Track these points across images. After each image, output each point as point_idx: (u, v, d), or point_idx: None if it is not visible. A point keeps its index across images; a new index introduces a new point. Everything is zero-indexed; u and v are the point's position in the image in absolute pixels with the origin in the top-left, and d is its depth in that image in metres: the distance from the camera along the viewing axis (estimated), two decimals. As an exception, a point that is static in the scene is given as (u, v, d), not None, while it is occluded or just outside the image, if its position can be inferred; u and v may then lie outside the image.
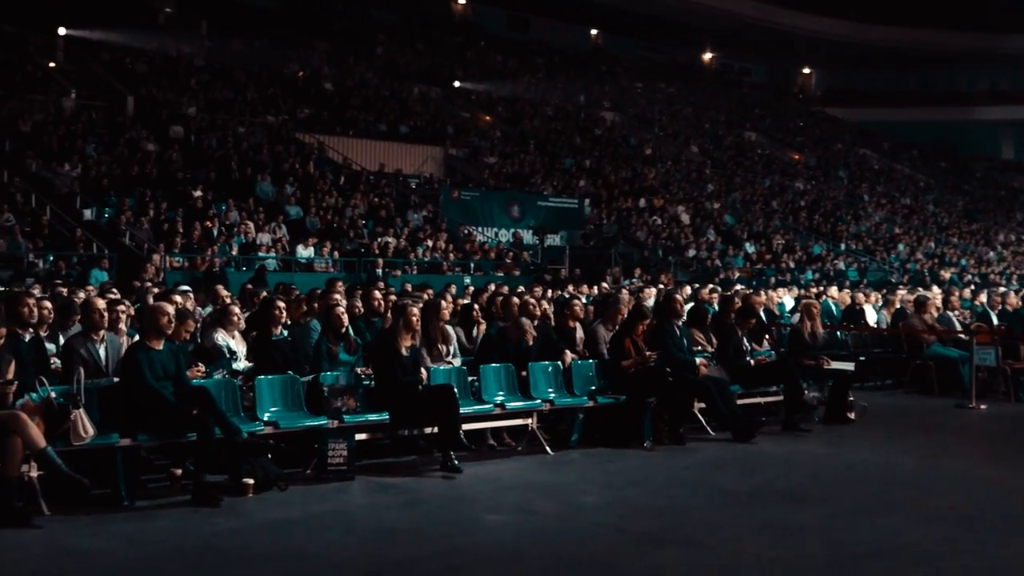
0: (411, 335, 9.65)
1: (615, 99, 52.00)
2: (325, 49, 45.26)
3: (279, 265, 25.99)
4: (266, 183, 30.37)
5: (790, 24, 59.63)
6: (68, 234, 24.29)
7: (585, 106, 49.81)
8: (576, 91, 50.81)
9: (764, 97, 63.11)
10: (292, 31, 45.09)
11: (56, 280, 19.80)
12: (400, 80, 44.59)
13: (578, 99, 50.29)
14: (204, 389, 8.23)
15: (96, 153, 28.87)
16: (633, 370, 11.04)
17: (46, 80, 33.07)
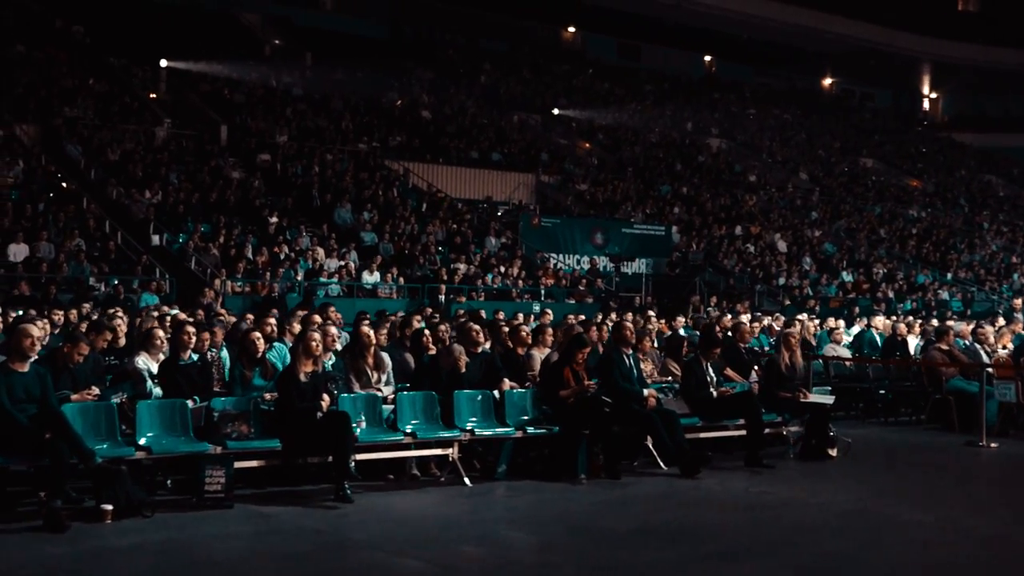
0: (311, 360, 9.39)
1: (724, 126, 51.04)
2: (427, 78, 45.63)
3: (343, 291, 26.09)
4: (344, 209, 30.65)
5: (915, 48, 57.65)
6: (135, 259, 24.84)
7: (691, 133, 49.01)
8: (684, 118, 50.07)
9: (886, 123, 61.08)
10: (396, 61, 45.64)
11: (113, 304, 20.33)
12: (499, 108, 44.62)
13: (685, 126, 49.54)
14: (60, 413, 8.10)
15: (178, 180, 29.53)
16: (571, 400, 10.56)
17: (142, 110, 34.04)
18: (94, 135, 30.79)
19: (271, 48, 44.43)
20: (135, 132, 32.06)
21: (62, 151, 30.02)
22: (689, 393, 11.62)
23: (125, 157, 30.06)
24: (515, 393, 10.68)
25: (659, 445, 10.88)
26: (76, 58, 36.40)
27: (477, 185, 37.38)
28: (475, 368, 10.95)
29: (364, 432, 9.48)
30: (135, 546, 7.45)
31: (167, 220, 27.12)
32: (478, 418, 10.26)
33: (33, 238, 23.90)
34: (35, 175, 27.66)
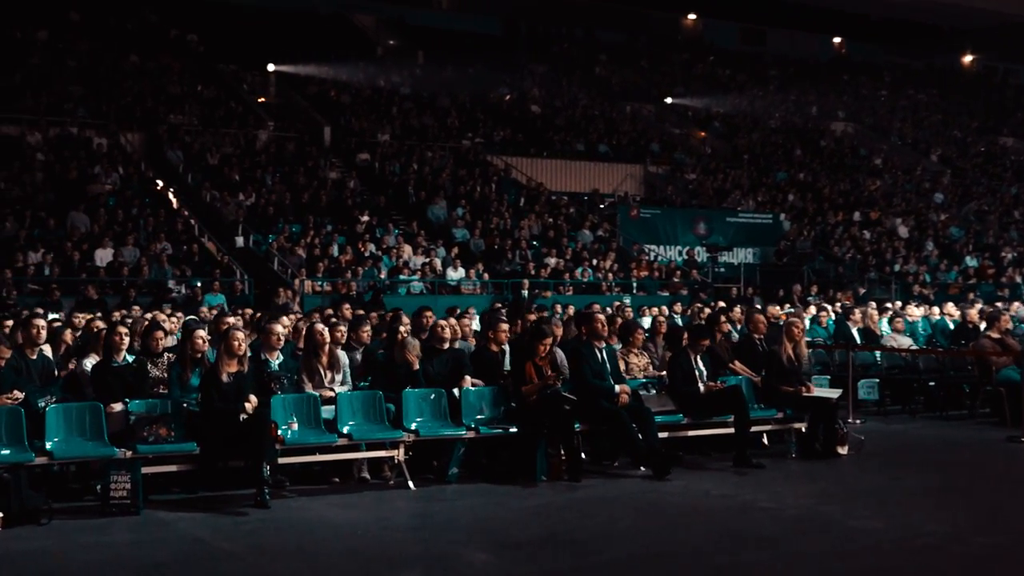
0: (235, 361, 9.11)
1: (851, 109, 49.13)
2: (539, 72, 45.24)
3: (425, 288, 25.96)
4: (438, 206, 30.57)
5: (1065, 19, 54.33)
6: (218, 261, 25.18)
7: (815, 117, 47.32)
8: (808, 102, 48.41)
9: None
10: (509, 56, 45.36)
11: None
12: (612, 99, 43.93)
13: (809, 110, 47.88)
14: None
15: (272, 182, 29.88)
16: (533, 397, 10.04)
17: (246, 115, 34.61)
18: (196, 140, 31.39)
19: (383, 48, 44.69)
20: (236, 136, 32.56)
21: (163, 157, 30.70)
22: (675, 388, 10.94)
23: (224, 161, 30.55)
24: (472, 391, 10.18)
25: (628, 444, 10.26)
26: (188, 66, 37.23)
27: (582, 178, 36.85)
28: (441, 365, 10.53)
29: (295, 434, 9.15)
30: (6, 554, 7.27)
31: (257, 222, 27.43)
32: (426, 418, 9.81)
33: (121, 243, 24.40)
34: (131, 181, 28.31)
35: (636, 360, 11.63)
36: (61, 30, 36.70)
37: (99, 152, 29.32)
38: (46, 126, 29.88)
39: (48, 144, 29.06)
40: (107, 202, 26.68)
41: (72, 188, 26.77)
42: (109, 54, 35.96)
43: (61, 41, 36.03)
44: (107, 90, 33.28)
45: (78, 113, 31.24)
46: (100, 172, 28.00)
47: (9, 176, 26.65)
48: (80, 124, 30.54)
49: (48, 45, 35.56)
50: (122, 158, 29.53)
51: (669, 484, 9.73)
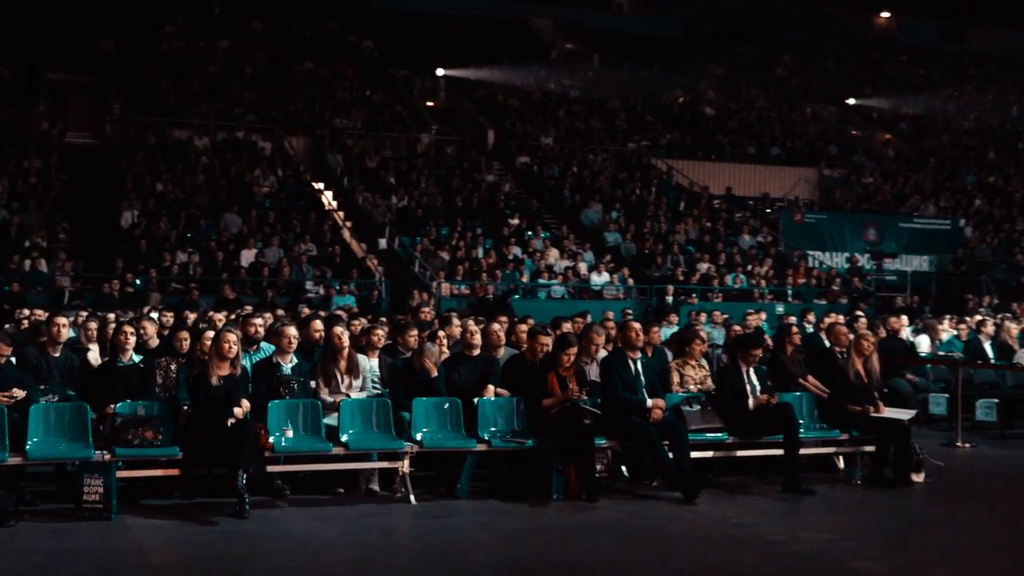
0: (226, 364, 8.86)
1: (1063, 106, 45.92)
2: (717, 74, 44.12)
3: (568, 292, 25.50)
4: (592, 209, 30.07)
5: None
6: (360, 263, 25.38)
7: (1016, 118, 44.40)
8: (1009, 103, 45.46)
9: None
10: (688, 58, 44.42)
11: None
12: (791, 101, 42.38)
13: (1009, 111, 44.96)
14: None
15: (427, 185, 30.00)
16: (555, 410, 9.46)
17: (411, 119, 34.93)
18: (357, 144, 31.84)
19: (557, 52, 44.45)
20: (398, 140, 32.86)
21: (323, 160, 31.27)
22: (722, 404, 10.14)
23: (381, 164, 30.86)
24: (488, 402, 9.67)
25: (656, 463, 9.55)
26: (360, 72, 37.92)
27: (751, 181, 35.62)
28: (469, 373, 10.06)
29: (289, 441, 8.86)
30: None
31: (406, 224, 27.55)
32: (434, 428, 9.36)
33: (266, 244, 24.89)
34: (288, 184, 28.90)
35: (692, 372, 10.84)
36: (242, 39, 37.93)
37: (262, 155, 30.04)
38: (215, 131, 30.86)
39: (214, 148, 29.96)
40: (262, 203, 27.27)
41: (230, 190, 27.48)
42: (284, 61, 36.98)
43: (241, 49, 37.23)
44: (278, 95, 34.15)
45: (247, 118, 32.13)
46: (259, 175, 28.68)
47: (172, 178, 27.57)
48: (247, 129, 31.40)
49: (228, 54, 36.79)
50: (283, 161, 30.19)
51: (689, 510, 8.99)
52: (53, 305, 18.35)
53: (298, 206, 27.65)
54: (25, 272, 22.24)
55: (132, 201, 25.87)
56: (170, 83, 33.40)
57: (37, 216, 24.61)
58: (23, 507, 8.30)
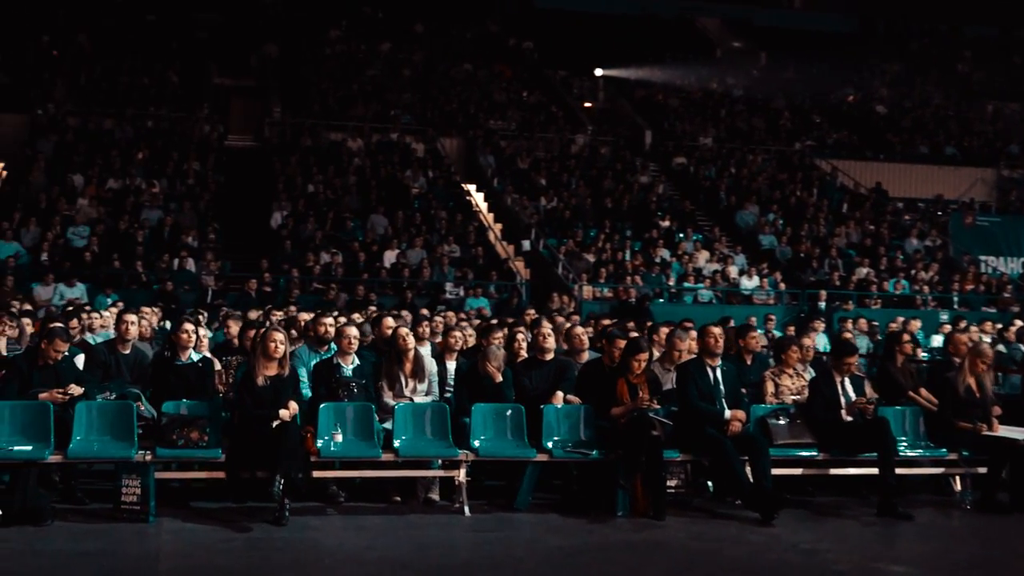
0: (274, 364, 8.59)
1: None
2: (892, 71, 42.18)
3: (716, 296, 24.67)
4: (748, 211, 29.09)
5: None
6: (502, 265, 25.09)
7: None
8: None
9: None
10: (861, 55, 42.63)
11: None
12: (970, 98, 40.16)
13: None
14: None
15: (577, 186, 29.54)
16: (623, 420, 8.87)
17: (566, 119, 34.53)
18: (510, 145, 31.62)
19: (723, 50, 43.31)
20: (552, 141, 32.49)
21: (475, 162, 31.17)
22: (813, 416, 9.34)
23: (533, 165, 30.56)
24: (553, 409, 9.13)
25: (731, 479, 8.84)
26: (519, 73, 37.75)
27: (923, 182, 33.84)
28: (540, 378, 9.56)
29: (338, 446, 8.54)
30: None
31: (554, 226, 27.15)
32: (492, 436, 8.88)
33: (410, 245, 24.87)
34: (437, 185, 28.87)
35: (789, 382, 10.06)
36: (403, 42, 38.23)
37: (414, 157, 30.11)
38: (369, 133, 31.10)
39: (367, 150, 30.20)
40: (410, 205, 27.30)
41: (380, 191, 27.60)
42: (443, 63, 37.08)
43: (401, 52, 37.52)
44: (434, 97, 34.24)
45: (403, 120, 32.29)
46: (410, 176, 28.74)
47: (324, 180, 27.88)
48: (402, 131, 31.54)
49: (388, 56, 37.13)
50: (434, 163, 30.20)
51: (762, 531, 8.29)
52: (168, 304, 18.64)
53: (446, 207, 27.55)
54: (173, 271, 22.72)
55: (282, 202, 26.25)
56: (330, 86, 33.90)
57: (191, 216, 25.18)
58: (72, 505, 8.21)
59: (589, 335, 11.02)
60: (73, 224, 24.10)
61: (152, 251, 23.25)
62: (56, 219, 24.08)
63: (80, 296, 20.45)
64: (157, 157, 27.87)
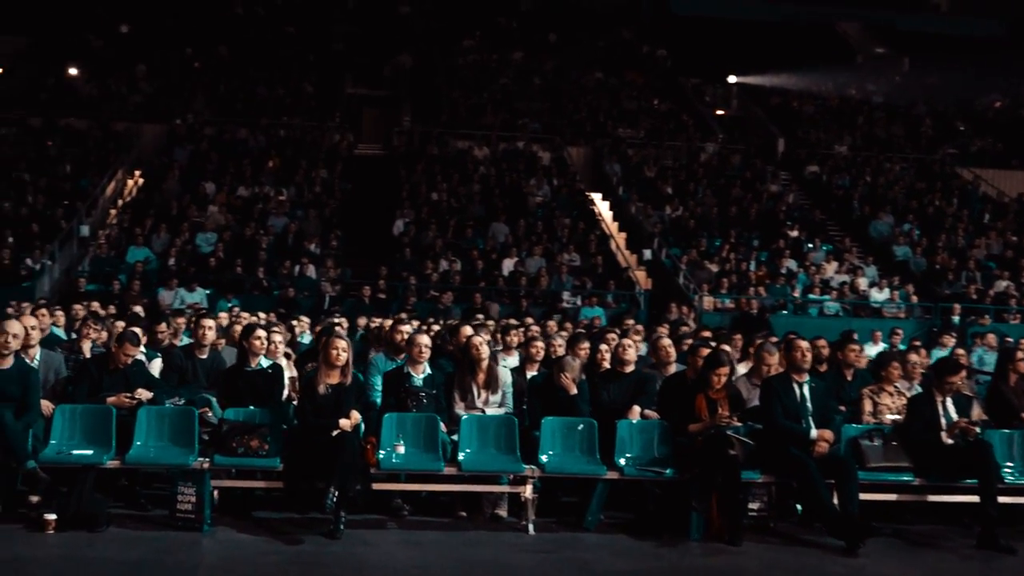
0: (336, 372, 8.43)
1: None
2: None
3: (844, 309, 23.82)
4: (882, 221, 28.09)
5: None
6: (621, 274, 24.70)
7: None
8: None
9: None
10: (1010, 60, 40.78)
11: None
12: None
13: None
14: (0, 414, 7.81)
15: (704, 195, 28.96)
16: (700, 438, 8.45)
17: (696, 127, 33.94)
18: (637, 153, 31.22)
19: (864, 56, 42.01)
20: (681, 149, 31.96)
21: (601, 170, 30.85)
22: (910, 438, 8.75)
23: (660, 174, 30.10)
24: (626, 424, 8.76)
25: (815, 504, 8.33)
26: (651, 81, 37.29)
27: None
28: (619, 391, 9.21)
29: (400, 457, 8.34)
30: (32, 559, 7.11)
31: (678, 235, 26.66)
32: (561, 451, 8.56)
33: (529, 253, 24.70)
34: (561, 194, 28.63)
35: (889, 401, 9.48)
36: (536, 51, 38.15)
37: (539, 165, 29.94)
38: (496, 141, 31.08)
39: (493, 158, 30.16)
40: (533, 213, 27.12)
41: (503, 199, 27.50)
42: (574, 71, 36.85)
43: (533, 61, 37.44)
44: (563, 106, 34.05)
45: (530, 129, 32.18)
46: (534, 184, 28.58)
47: (448, 188, 27.93)
48: (529, 139, 31.42)
49: (520, 65, 37.09)
50: (559, 171, 29.98)
51: (843, 562, 7.78)
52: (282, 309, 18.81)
53: (569, 216, 27.28)
54: (294, 277, 23.00)
55: (406, 210, 26.37)
56: (460, 95, 34.03)
57: (315, 223, 25.48)
58: (132, 511, 8.21)
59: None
60: (202, 230, 24.61)
61: (275, 257, 23.57)
62: (185, 225, 24.64)
63: (200, 301, 20.84)
64: (287, 165, 28.34)
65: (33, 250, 22.72)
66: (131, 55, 33.82)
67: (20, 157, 27.27)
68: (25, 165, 26.80)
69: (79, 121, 29.74)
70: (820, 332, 14.25)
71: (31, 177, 26.19)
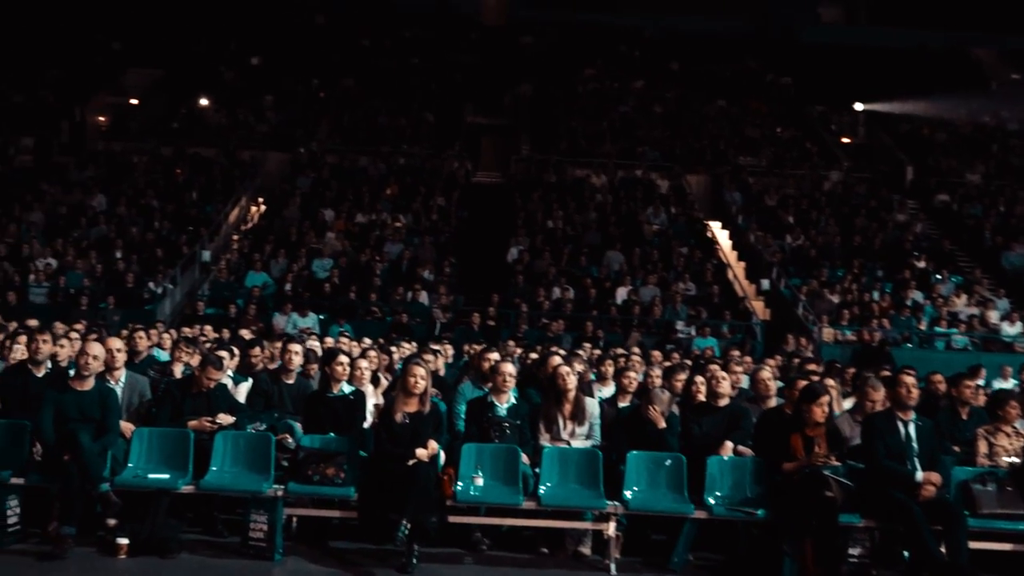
0: (415, 400, 8.22)
1: None
2: None
3: (972, 343, 22.85)
4: (1016, 253, 26.97)
5: None
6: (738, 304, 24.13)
7: None
8: None
9: None
10: None
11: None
12: None
13: None
14: (74, 435, 7.75)
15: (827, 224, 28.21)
16: (796, 477, 8.01)
17: (820, 155, 33.15)
18: (758, 182, 30.61)
19: (999, 82, 40.56)
20: (804, 178, 31.22)
21: (720, 199, 30.31)
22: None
23: (781, 202, 29.44)
24: (718, 461, 8.35)
25: (920, 553, 7.78)
26: (775, 109, 36.61)
27: None
28: (712, 425, 8.83)
29: (477, 489, 8.08)
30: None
31: (798, 265, 25.98)
32: (646, 487, 8.19)
33: (643, 282, 24.31)
34: (679, 222, 28.19)
35: (1006, 442, 8.88)
36: (657, 79, 37.82)
37: (657, 193, 29.56)
38: (614, 169, 30.80)
39: (611, 186, 29.88)
40: (649, 241, 26.74)
41: (619, 227, 27.18)
42: (697, 100, 36.42)
43: (654, 89, 37.12)
44: (683, 134, 33.63)
45: (649, 157, 31.83)
46: (651, 212, 28.21)
47: (564, 215, 27.73)
48: (648, 167, 31.07)
49: (640, 94, 36.80)
50: (677, 199, 29.55)
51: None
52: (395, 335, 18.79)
53: (686, 244, 26.81)
54: (407, 303, 23.03)
55: (520, 237, 26.24)
56: (580, 123, 33.89)
57: (430, 250, 25.51)
58: (208, 537, 8.13)
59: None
60: (319, 256, 24.84)
61: (389, 283, 23.65)
62: (303, 251, 24.90)
63: (312, 325, 20.96)
64: (405, 193, 28.52)
65: (156, 274, 23.21)
66: (260, 86, 34.61)
67: (150, 184, 27.98)
68: (154, 192, 27.47)
69: (207, 149, 30.48)
70: (947, 367, 13.66)
71: (159, 203, 26.85)
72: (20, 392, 8.48)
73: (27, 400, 8.32)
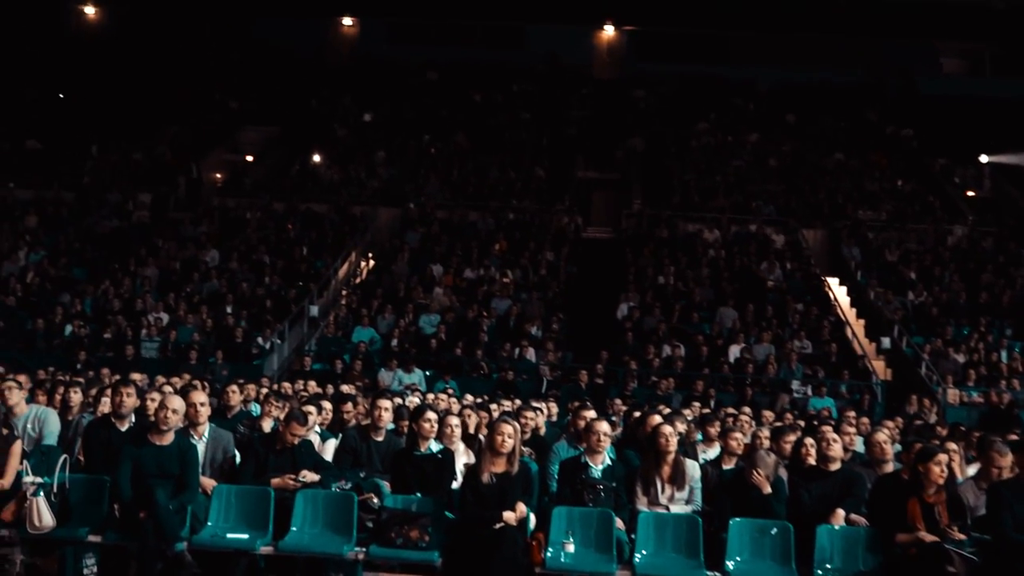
0: (502, 459, 7.79)
1: None
2: None
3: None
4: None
5: None
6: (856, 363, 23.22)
7: None
8: None
9: None
10: None
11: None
12: None
13: None
14: (150, 492, 7.54)
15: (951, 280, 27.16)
16: (913, 550, 7.36)
17: (944, 209, 32.05)
18: (877, 236, 29.66)
19: None
20: (925, 232, 30.16)
21: (838, 254, 29.44)
22: None
23: (903, 258, 28.45)
24: (827, 531, 7.72)
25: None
26: (895, 162, 35.60)
27: None
28: (822, 490, 8.22)
29: (568, 556, 7.61)
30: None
31: (921, 322, 24.99)
32: (748, 558, 7.62)
33: (757, 340, 23.61)
34: (795, 278, 27.40)
35: None
36: (772, 132, 37.16)
37: (772, 248, 28.83)
38: (727, 224, 30.18)
39: (724, 241, 29.26)
40: (763, 297, 26.01)
41: (733, 283, 26.51)
42: (813, 153, 35.64)
43: (770, 143, 36.44)
44: (799, 188, 32.87)
45: (764, 211, 31.14)
46: (765, 268, 27.49)
47: (676, 271, 27.19)
48: (762, 222, 30.38)
49: (755, 147, 36.17)
50: (793, 255, 28.76)
51: None
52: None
53: (803, 301, 25.99)
54: (514, 359, 22.70)
55: (630, 293, 25.77)
56: (693, 178, 33.37)
57: (538, 306, 25.18)
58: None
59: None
60: (426, 312, 24.70)
61: (496, 339, 23.36)
62: (410, 307, 24.77)
63: (417, 382, 20.76)
64: (514, 248, 28.29)
65: (265, 329, 23.29)
66: (372, 142, 34.93)
67: (262, 240, 28.27)
68: (266, 247, 27.74)
69: (319, 205, 30.73)
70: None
71: (270, 259, 27.07)
72: (103, 446, 8.32)
73: (109, 455, 8.15)
